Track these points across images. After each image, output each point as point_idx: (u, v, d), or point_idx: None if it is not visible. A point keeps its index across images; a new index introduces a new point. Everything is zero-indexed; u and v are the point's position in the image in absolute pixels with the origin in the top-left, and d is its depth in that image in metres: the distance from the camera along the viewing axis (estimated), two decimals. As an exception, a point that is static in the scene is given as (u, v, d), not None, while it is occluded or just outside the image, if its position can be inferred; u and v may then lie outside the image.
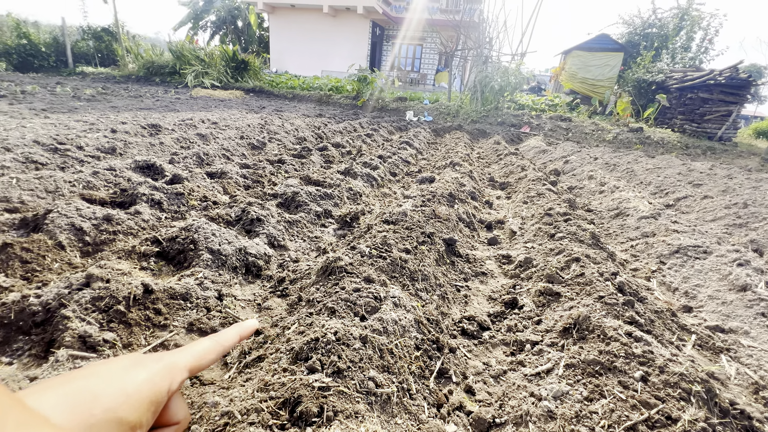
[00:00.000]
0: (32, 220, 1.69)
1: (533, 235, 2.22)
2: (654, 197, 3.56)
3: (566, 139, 7.65)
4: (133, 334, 1.12)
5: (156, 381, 0.24)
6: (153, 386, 0.24)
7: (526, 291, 1.64)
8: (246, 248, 1.61)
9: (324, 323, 1.07)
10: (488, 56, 9.67)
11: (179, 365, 0.27)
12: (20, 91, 6.40)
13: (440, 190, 2.56)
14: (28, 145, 2.82)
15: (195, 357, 0.28)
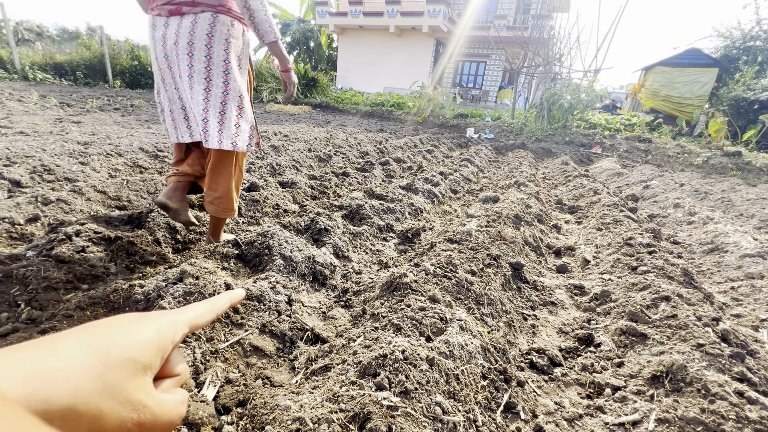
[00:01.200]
0: (136, 217, 1.93)
1: (610, 266, 2.03)
2: (759, 232, 3.09)
3: (645, 161, 6.99)
4: (215, 329, 1.21)
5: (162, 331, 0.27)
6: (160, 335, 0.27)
7: (604, 328, 1.49)
8: (314, 257, 1.68)
9: (390, 340, 1.07)
10: (558, 73, 9.25)
11: (181, 321, 0.29)
12: (130, 104, 7.47)
13: (505, 211, 2.47)
14: (135, 151, 3.25)
15: (195, 316, 0.31)
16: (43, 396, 0.20)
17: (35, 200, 1.92)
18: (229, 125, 1.45)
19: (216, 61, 1.40)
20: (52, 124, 4.46)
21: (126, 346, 0.25)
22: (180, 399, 0.28)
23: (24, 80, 10.34)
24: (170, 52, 1.40)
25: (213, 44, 1.38)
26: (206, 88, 1.41)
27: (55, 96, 7.39)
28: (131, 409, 0.24)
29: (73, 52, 12.25)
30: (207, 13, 1.37)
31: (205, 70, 1.39)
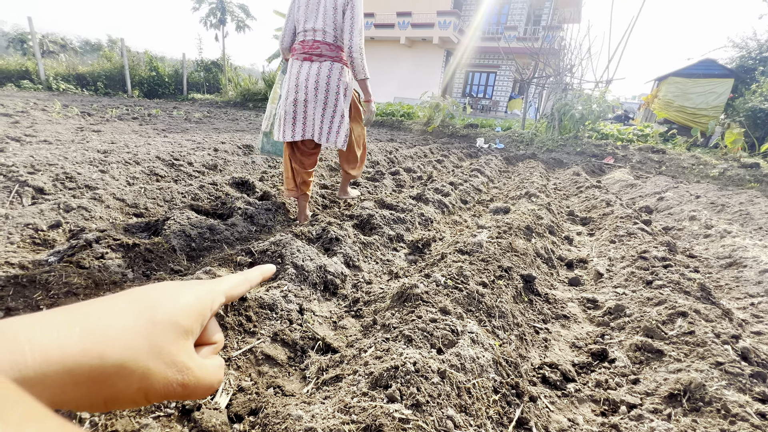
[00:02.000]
0: (153, 225, 1.98)
1: (624, 279, 2.00)
2: (779, 247, 3.00)
3: (658, 172, 6.88)
4: (228, 337, 1.23)
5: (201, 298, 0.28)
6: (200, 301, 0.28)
7: (618, 343, 1.47)
8: (325, 266, 1.69)
9: (402, 351, 1.07)
10: (569, 83, 9.23)
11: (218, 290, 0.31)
12: (147, 114, 7.68)
13: (516, 222, 2.46)
14: (152, 159, 3.34)
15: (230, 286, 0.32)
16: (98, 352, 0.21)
17: (57, 207, 1.99)
18: (333, 130, 2.17)
19: (330, 91, 2.09)
20: (73, 132, 4.62)
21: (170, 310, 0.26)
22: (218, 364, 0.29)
23: (48, 90, 10.73)
24: (300, 84, 2.07)
25: (330, 81, 2.08)
26: (324, 108, 2.12)
27: (77, 105, 7.65)
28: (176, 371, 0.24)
29: (94, 63, 12.70)
30: (327, 62, 2.07)
31: (325, 97, 2.10)
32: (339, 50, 2.09)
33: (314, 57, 2.06)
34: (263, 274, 0.38)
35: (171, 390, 0.24)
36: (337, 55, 2.09)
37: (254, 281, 0.36)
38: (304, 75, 2.06)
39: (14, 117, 5.25)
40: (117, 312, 0.23)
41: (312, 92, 2.07)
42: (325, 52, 2.06)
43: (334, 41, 2.07)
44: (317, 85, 2.07)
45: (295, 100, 2.10)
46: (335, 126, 2.16)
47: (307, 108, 2.11)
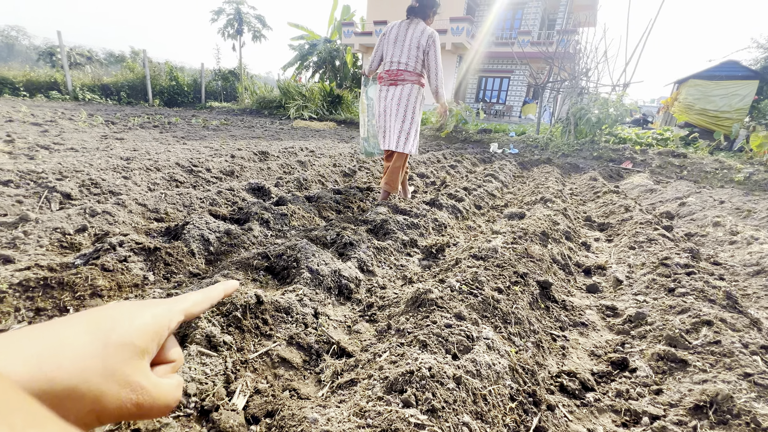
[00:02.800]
0: (173, 230, 2.03)
1: (645, 286, 1.94)
2: (811, 254, 2.87)
3: (680, 177, 6.69)
4: (245, 340, 1.25)
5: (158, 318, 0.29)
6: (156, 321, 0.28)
7: (639, 352, 1.43)
8: (340, 270, 1.71)
9: (417, 356, 1.07)
10: (584, 87, 9.10)
11: (176, 309, 0.31)
12: (167, 122, 7.93)
13: (532, 228, 2.43)
14: (171, 166, 3.44)
15: (189, 305, 0.33)
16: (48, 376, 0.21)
17: (83, 212, 2.07)
18: (411, 141, 2.73)
19: (408, 109, 2.65)
20: (98, 140, 4.80)
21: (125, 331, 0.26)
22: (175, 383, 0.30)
23: (74, 100, 11.19)
24: (387, 103, 2.69)
25: (409, 100, 2.64)
26: (402, 121, 2.67)
27: (101, 114, 7.95)
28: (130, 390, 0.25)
29: (118, 74, 13.20)
30: (408, 84, 2.64)
31: (404, 112, 2.66)
32: (418, 76, 2.68)
33: (398, 82, 2.66)
34: (225, 290, 0.38)
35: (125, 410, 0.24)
36: (416, 79, 2.68)
37: (215, 299, 0.36)
38: (390, 96, 2.69)
39: (43, 126, 5.49)
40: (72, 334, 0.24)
41: (395, 108, 2.67)
42: (407, 77, 2.65)
43: (413, 70, 2.64)
44: (399, 102, 2.67)
45: (384, 116, 2.76)
46: (409, 137, 2.75)
47: (390, 121, 2.71)
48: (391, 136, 2.71)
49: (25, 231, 1.80)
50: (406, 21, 2.60)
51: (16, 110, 6.92)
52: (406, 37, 2.55)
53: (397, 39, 2.57)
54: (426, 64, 2.60)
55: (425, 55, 2.57)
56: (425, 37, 2.52)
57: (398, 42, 2.57)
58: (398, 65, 2.60)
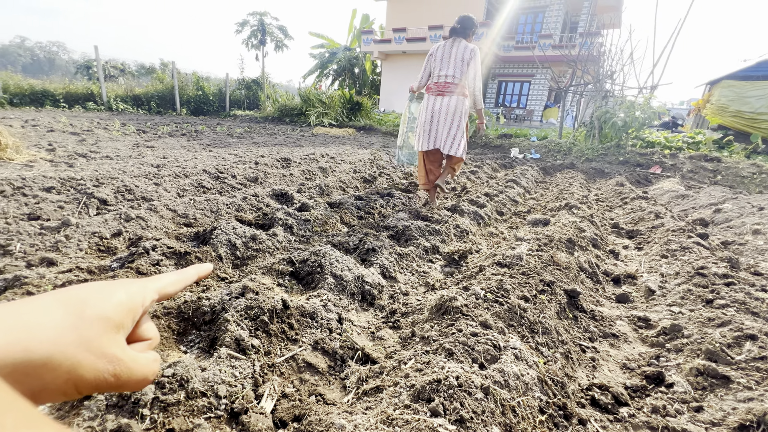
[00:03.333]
0: (202, 234, 2.10)
1: (680, 297, 1.86)
2: None
3: (713, 182, 6.38)
4: (272, 344, 1.27)
5: (132, 295, 0.29)
6: (130, 298, 0.29)
7: (676, 366, 1.36)
8: (363, 276, 1.71)
9: (443, 365, 1.06)
10: (609, 90, 8.86)
11: (150, 287, 0.31)
12: (194, 130, 8.22)
13: (557, 235, 2.37)
14: (199, 173, 3.56)
15: (163, 284, 0.33)
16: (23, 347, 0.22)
17: (119, 217, 2.17)
18: (458, 144, 3.00)
19: (456, 116, 2.95)
20: (130, 148, 5.03)
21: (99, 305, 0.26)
22: (152, 358, 0.30)
23: (109, 110, 11.78)
24: (435, 111, 2.97)
25: (456, 109, 2.93)
26: (449, 128, 2.97)
27: (133, 124, 8.33)
28: (107, 361, 0.25)
29: (148, 85, 13.81)
30: (454, 96, 2.93)
31: (451, 120, 2.95)
32: (463, 88, 2.98)
33: (446, 93, 2.95)
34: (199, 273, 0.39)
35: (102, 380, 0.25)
36: (461, 91, 2.97)
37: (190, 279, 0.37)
38: (438, 105, 2.98)
39: (81, 135, 5.81)
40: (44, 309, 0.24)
41: (443, 116, 2.97)
42: (453, 89, 2.94)
43: (459, 82, 2.94)
44: (447, 111, 2.96)
45: (431, 122, 3.01)
46: (457, 141, 3.01)
47: (439, 127, 3.00)
48: (440, 140, 3.02)
49: (66, 235, 1.90)
50: (450, 41, 2.95)
51: (57, 120, 7.35)
52: (452, 54, 2.91)
53: (443, 56, 2.94)
54: (468, 75, 2.95)
55: (468, 66, 2.91)
56: (468, 52, 2.90)
57: (444, 59, 2.93)
58: (445, 78, 2.94)
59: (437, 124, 2.99)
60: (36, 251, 1.76)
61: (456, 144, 2.99)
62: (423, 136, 3.06)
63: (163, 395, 0.97)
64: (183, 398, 0.99)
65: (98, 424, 0.90)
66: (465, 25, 2.92)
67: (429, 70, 3.05)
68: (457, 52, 2.88)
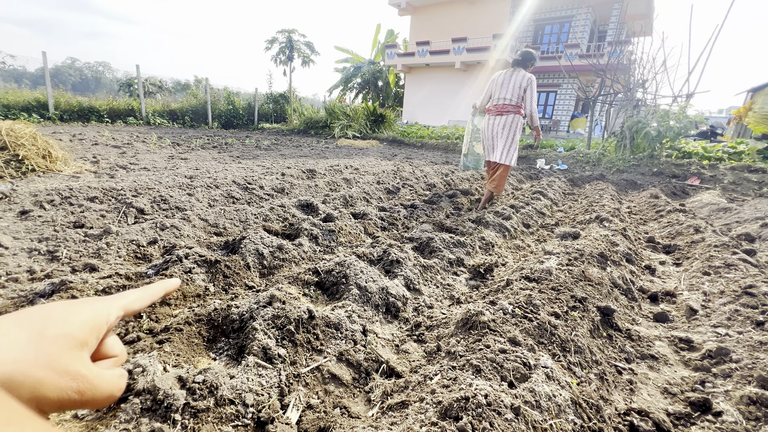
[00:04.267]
0: (231, 243, 2.16)
1: (726, 318, 1.73)
2: None
3: (758, 195, 5.98)
4: (297, 354, 1.28)
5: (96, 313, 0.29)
6: (95, 316, 0.29)
7: (724, 393, 1.26)
8: (387, 288, 1.71)
9: (471, 382, 1.03)
10: (641, 99, 8.56)
11: (115, 305, 0.32)
12: (224, 143, 8.57)
13: (588, 249, 2.28)
14: (229, 184, 3.69)
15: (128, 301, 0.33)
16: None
17: (155, 226, 2.27)
18: (512, 155, 3.54)
19: (511, 132, 3.48)
20: (166, 160, 5.29)
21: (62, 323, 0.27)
22: (117, 374, 0.30)
23: (147, 125, 12.49)
24: (495, 128, 3.53)
25: (512, 125, 3.46)
26: (505, 141, 3.51)
27: (168, 137, 8.79)
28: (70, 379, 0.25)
29: (183, 100, 14.57)
30: (511, 115, 3.44)
31: (507, 135, 3.49)
32: (517, 108, 3.48)
33: (504, 113, 3.51)
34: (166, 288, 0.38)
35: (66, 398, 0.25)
36: (517, 111, 3.49)
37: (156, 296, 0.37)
38: (497, 123, 3.56)
39: (122, 148, 6.18)
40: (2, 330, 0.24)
41: (501, 132, 3.55)
42: (510, 109, 3.50)
43: (515, 104, 3.47)
44: (503, 127, 3.53)
45: (492, 138, 3.63)
46: (511, 152, 3.57)
47: (496, 142, 3.59)
48: (497, 152, 3.58)
49: (107, 242, 2.01)
50: (510, 69, 3.52)
51: (100, 134, 7.87)
52: (511, 80, 3.45)
53: (503, 83, 3.48)
54: (524, 98, 3.45)
55: (524, 92, 3.43)
56: (525, 80, 3.41)
57: (504, 84, 3.48)
58: (503, 101, 3.49)
59: (493, 139, 3.60)
60: (80, 257, 1.87)
61: (506, 154, 3.58)
62: (487, 148, 3.74)
63: (194, 401, 1.00)
64: (212, 405, 1.01)
65: (133, 426, 0.93)
66: (525, 57, 3.44)
67: (490, 93, 3.62)
68: (515, 80, 3.43)
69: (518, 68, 3.46)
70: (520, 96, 3.42)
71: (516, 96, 3.42)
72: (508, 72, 3.49)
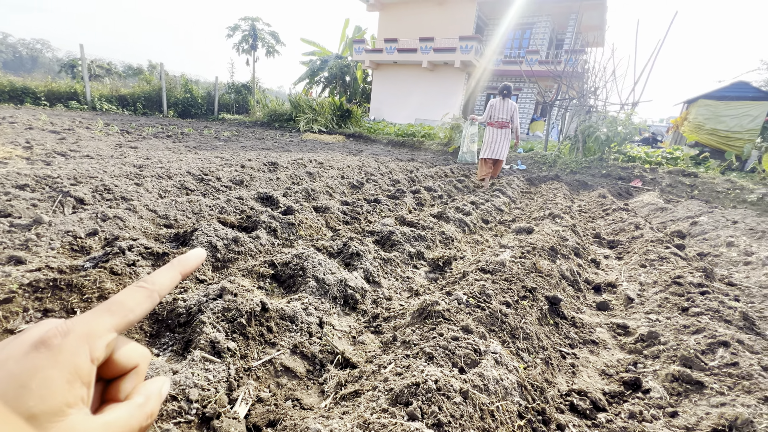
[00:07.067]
0: (182, 236, 2.05)
1: (657, 305, 1.90)
2: (830, 278, 2.78)
3: (690, 196, 6.60)
4: (249, 347, 1.23)
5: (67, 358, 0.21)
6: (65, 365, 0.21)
7: (653, 372, 1.38)
8: (346, 280, 1.69)
9: (423, 368, 1.05)
10: (593, 106, 9.13)
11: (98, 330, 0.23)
12: (180, 132, 8.10)
13: (540, 243, 2.40)
14: (183, 174, 3.49)
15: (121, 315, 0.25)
16: None
17: (95, 216, 2.10)
18: (504, 153, 5.34)
19: (506, 139, 5.34)
20: (113, 148, 4.91)
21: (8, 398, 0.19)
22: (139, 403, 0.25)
23: (92, 110, 11.52)
24: (495, 136, 5.35)
25: (506, 136, 5.33)
26: (502, 145, 5.33)
27: (117, 124, 8.16)
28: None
29: (135, 86, 13.60)
30: (506, 128, 5.33)
31: (504, 141, 5.33)
32: (509, 124, 5.30)
33: (503, 127, 5.29)
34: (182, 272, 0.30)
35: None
36: (508, 125, 5.30)
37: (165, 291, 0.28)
38: (498, 133, 5.32)
39: (61, 134, 5.65)
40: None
41: (499, 139, 5.31)
42: (505, 125, 5.28)
43: (507, 121, 5.27)
44: (503, 136, 5.31)
45: (494, 142, 5.33)
46: (505, 151, 5.33)
47: (496, 146, 5.32)
48: (497, 153, 5.36)
49: (37, 233, 1.82)
50: (501, 98, 5.25)
51: (36, 118, 7.14)
52: (504, 107, 5.29)
53: (499, 107, 5.29)
54: (512, 118, 5.31)
55: (513, 114, 5.31)
56: (512, 107, 5.30)
57: (500, 108, 5.30)
58: (501, 119, 5.31)
59: (496, 144, 5.35)
60: (3, 249, 1.69)
61: (501, 152, 5.36)
62: (488, 150, 5.40)
63: (131, 399, 0.93)
64: (152, 402, 0.94)
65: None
66: (509, 90, 5.17)
67: (490, 113, 5.37)
68: (507, 106, 5.28)
69: (506, 98, 5.22)
70: (509, 116, 5.27)
71: (508, 116, 5.28)
72: (500, 100, 5.27)
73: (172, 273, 0.29)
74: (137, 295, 0.26)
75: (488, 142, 5.36)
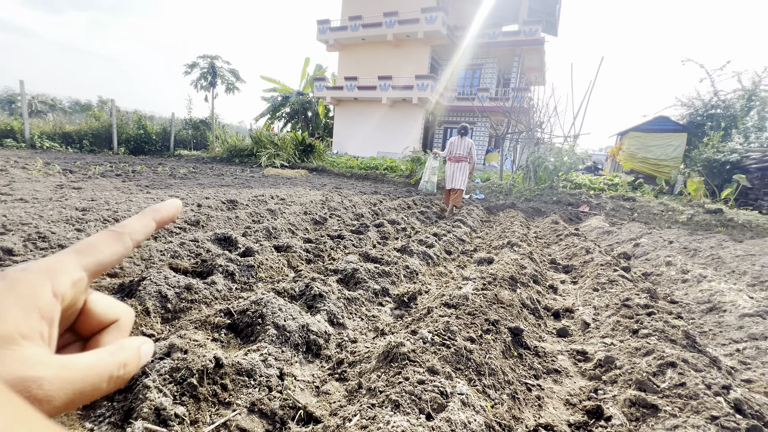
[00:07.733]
0: (128, 286, 1.89)
1: (611, 329, 1.99)
2: (753, 290, 3.09)
3: (631, 219, 7.19)
4: (200, 410, 1.13)
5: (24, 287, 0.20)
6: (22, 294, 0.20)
7: (612, 398, 1.42)
8: (308, 325, 1.63)
9: (389, 419, 1.01)
10: (540, 138, 9.90)
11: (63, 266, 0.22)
12: (132, 170, 7.70)
13: (500, 273, 2.47)
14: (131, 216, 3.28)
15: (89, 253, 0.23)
16: None
17: (25, 269, 1.89)
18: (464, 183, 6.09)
19: (463, 172, 6.06)
20: (52, 190, 4.55)
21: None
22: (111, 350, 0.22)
23: (31, 148, 10.72)
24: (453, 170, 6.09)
25: (463, 169, 6.06)
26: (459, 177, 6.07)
27: (59, 163, 7.62)
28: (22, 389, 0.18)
29: (82, 122, 12.91)
30: (463, 162, 6.05)
31: (460, 173, 6.07)
32: (466, 158, 6.00)
33: (460, 160, 6.00)
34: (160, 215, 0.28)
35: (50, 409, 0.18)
36: (466, 159, 6.00)
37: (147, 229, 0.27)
38: (455, 167, 6.04)
39: (-9, 175, 5.16)
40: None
41: (457, 173, 6.03)
42: (462, 159, 5.99)
43: (464, 156, 5.99)
44: (459, 170, 6.03)
45: (452, 175, 6.06)
46: (463, 182, 6.02)
47: (455, 178, 6.04)
48: (456, 183, 6.04)
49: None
50: (459, 136, 6.01)
51: (-38, 159, 6.50)
52: (461, 144, 6.01)
53: (458, 144, 6.01)
54: (470, 153, 6.00)
55: (470, 150, 6.00)
56: (469, 144, 6.01)
57: (457, 145, 6.02)
58: (458, 154, 6.00)
59: (455, 176, 6.03)
60: None
61: (460, 183, 6.03)
62: (450, 181, 6.10)
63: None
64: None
65: None
66: (466, 129, 5.98)
67: (450, 149, 6.08)
68: (464, 143, 5.99)
69: (464, 136, 5.98)
70: (467, 151, 5.99)
71: (465, 152, 5.99)
72: (459, 138, 6.02)
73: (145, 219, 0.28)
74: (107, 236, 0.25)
75: (449, 175, 6.10)
